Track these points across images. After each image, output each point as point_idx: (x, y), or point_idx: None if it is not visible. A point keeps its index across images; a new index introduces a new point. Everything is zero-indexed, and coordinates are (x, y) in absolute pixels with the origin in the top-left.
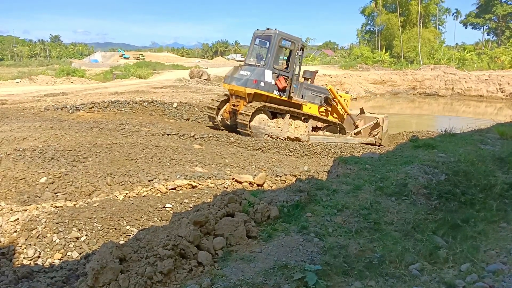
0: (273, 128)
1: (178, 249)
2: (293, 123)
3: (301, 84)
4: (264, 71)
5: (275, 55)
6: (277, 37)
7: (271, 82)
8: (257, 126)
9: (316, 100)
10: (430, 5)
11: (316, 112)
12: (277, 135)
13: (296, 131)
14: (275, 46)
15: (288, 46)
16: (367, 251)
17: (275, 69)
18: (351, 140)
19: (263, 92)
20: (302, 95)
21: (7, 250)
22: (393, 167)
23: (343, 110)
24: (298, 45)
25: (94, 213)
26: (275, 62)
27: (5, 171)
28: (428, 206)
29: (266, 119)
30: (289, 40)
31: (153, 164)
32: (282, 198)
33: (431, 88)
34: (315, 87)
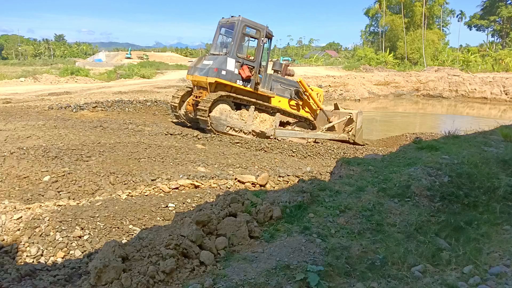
0: (236, 120)
1: (181, 248)
2: (259, 116)
3: (270, 76)
4: (226, 59)
5: (239, 43)
6: (240, 24)
7: (233, 71)
8: (217, 117)
9: (286, 93)
10: (435, 7)
11: (286, 106)
12: (240, 128)
13: (262, 125)
14: (239, 33)
15: (253, 34)
16: (370, 252)
17: (239, 58)
18: (321, 135)
19: (225, 82)
20: (271, 88)
21: (10, 248)
22: (396, 168)
23: (316, 104)
24: (263, 33)
25: (97, 212)
26: (239, 50)
27: (8, 169)
28: (431, 208)
29: (228, 110)
30: (254, 27)
31: (156, 163)
32: (285, 198)
33: (435, 90)
34: (285, 80)
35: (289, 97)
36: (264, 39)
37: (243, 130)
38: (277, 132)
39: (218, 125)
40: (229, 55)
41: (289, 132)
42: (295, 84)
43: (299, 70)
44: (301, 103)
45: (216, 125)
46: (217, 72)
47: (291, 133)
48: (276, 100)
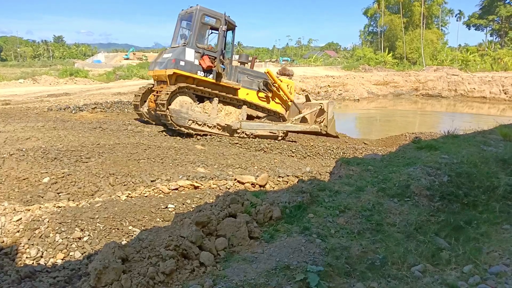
0: (198, 114)
1: (180, 249)
2: (224, 108)
3: (236, 67)
4: (185, 50)
5: (198, 33)
6: (198, 14)
7: (193, 62)
8: (177, 110)
9: (254, 85)
10: (433, 6)
11: (254, 99)
12: (204, 121)
13: (227, 118)
14: (197, 23)
15: (213, 23)
16: (369, 252)
17: (199, 48)
18: (291, 127)
19: (185, 73)
20: (237, 80)
21: (10, 250)
22: (395, 168)
23: (286, 96)
24: (223, 22)
25: (97, 213)
26: (198, 40)
27: (8, 171)
28: (430, 208)
29: (189, 103)
30: (213, 16)
31: (155, 164)
32: (284, 199)
33: (434, 90)
34: (252, 71)
35: (257, 89)
36: (224, 27)
37: (207, 124)
38: (244, 125)
39: (178, 118)
40: (188, 45)
41: (256, 124)
42: (263, 75)
43: (298, 70)
44: (270, 95)
45: (177, 118)
46: (175, 63)
47: (258, 125)
48: (243, 93)
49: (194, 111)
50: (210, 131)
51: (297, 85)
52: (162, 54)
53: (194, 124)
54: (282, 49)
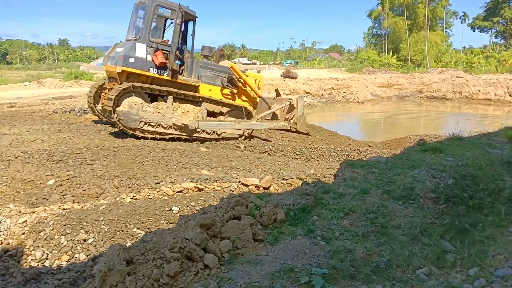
0: (151, 114)
1: (185, 251)
2: (181, 107)
3: (197, 62)
4: (135, 45)
5: (151, 26)
6: (151, 4)
7: (145, 58)
8: (127, 112)
9: (217, 81)
10: (437, 8)
11: (217, 95)
12: (158, 122)
13: (184, 117)
14: (150, 15)
15: (168, 15)
16: (374, 255)
17: (152, 43)
18: (256, 125)
19: (136, 71)
20: (198, 75)
21: (15, 252)
22: (400, 170)
23: (253, 92)
24: (179, 13)
25: (102, 215)
26: (152, 34)
27: (13, 173)
28: (435, 210)
29: (140, 103)
30: (169, 7)
31: (160, 167)
32: (289, 201)
33: (439, 92)
34: (216, 66)
35: (221, 85)
36: (178, 19)
37: (161, 125)
38: (202, 124)
39: (128, 121)
40: (139, 40)
41: (216, 123)
42: (227, 70)
43: (302, 73)
44: (236, 91)
45: (126, 121)
46: (124, 60)
47: (219, 124)
48: (205, 89)
49: (145, 111)
50: (166, 132)
51: (301, 88)
52: (115, 47)
53: (147, 125)
54: (286, 52)
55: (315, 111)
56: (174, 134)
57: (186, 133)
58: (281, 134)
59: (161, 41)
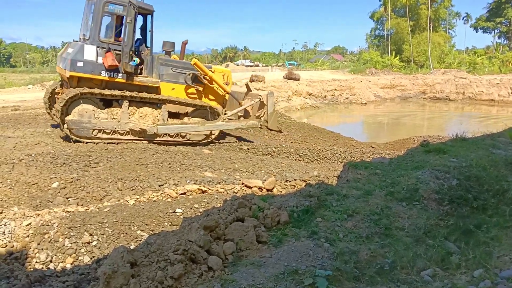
0: (105, 121)
1: (189, 254)
2: (138, 111)
3: (157, 59)
4: (83, 47)
5: (100, 25)
6: (100, 1)
7: (95, 61)
8: (77, 121)
9: (181, 79)
10: (440, 9)
11: (181, 94)
12: (113, 128)
13: (142, 121)
14: (100, 13)
15: (120, 11)
16: (378, 256)
17: (103, 43)
18: (222, 126)
19: (85, 75)
20: (159, 74)
21: (20, 255)
22: (404, 172)
23: (221, 89)
24: (132, 9)
25: (105, 218)
26: (106, 33)
27: (18, 176)
28: (439, 212)
29: (91, 110)
30: (119, 3)
31: (163, 169)
32: (292, 203)
33: (442, 93)
34: (178, 63)
35: (185, 83)
36: (129, 17)
37: (117, 131)
38: (161, 128)
39: (79, 130)
40: (88, 41)
41: (177, 126)
42: (191, 67)
43: (304, 74)
44: (202, 89)
45: (77, 130)
46: (72, 64)
47: (180, 127)
48: (167, 88)
49: (98, 118)
50: (124, 138)
51: (303, 89)
52: (68, 47)
53: (101, 133)
54: (289, 53)
55: (318, 112)
56: (133, 140)
57: (146, 138)
58: (284, 136)
59: (113, 40)
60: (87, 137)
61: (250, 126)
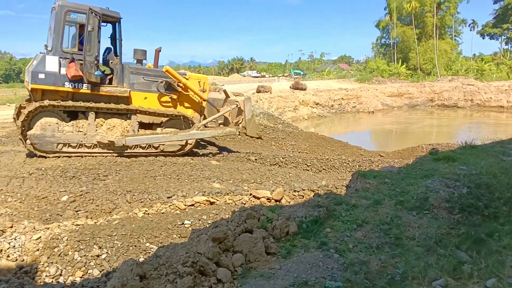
0: (70, 134)
1: (198, 266)
2: (106, 122)
3: (127, 68)
4: (44, 58)
5: (63, 35)
6: (61, 11)
7: (57, 72)
8: (40, 135)
9: (153, 87)
10: (446, 17)
11: (154, 104)
12: (79, 142)
13: (110, 133)
14: (61, 22)
15: (83, 20)
16: (389, 267)
17: (66, 53)
18: (197, 134)
19: (48, 87)
20: (130, 83)
21: (30, 268)
22: (413, 180)
23: (197, 96)
24: (95, 17)
25: (114, 230)
26: (67, 43)
27: (28, 190)
28: (450, 220)
29: (55, 123)
30: (81, 11)
31: (171, 181)
32: (301, 213)
33: (450, 100)
34: (150, 71)
35: (158, 92)
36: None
37: (84, 144)
38: (129, 139)
39: (43, 144)
40: (50, 52)
41: (147, 137)
42: (163, 75)
43: (311, 84)
44: (176, 97)
45: (40, 144)
46: (33, 76)
47: (150, 138)
48: (139, 98)
49: (63, 132)
50: (92, 152)
51: (310, 99)
52: (34, 59)
53: (67, 147)
54: (295, 64)
55: (325, 121)
56: (101, 153)
57: (116, 151)
58: (291, 145)
59: (77, 50)
60: (52, 151)
61: (228, 133)
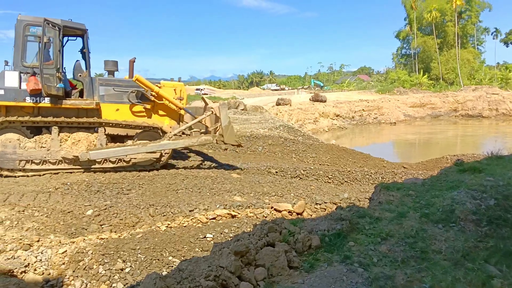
0: (33, 150)
1: (220, 280)
2: (71, 137)
3: (97, 80)
4: (3, 74)
5: (23, 49)
6: (20, 25)
7: (17, 87)
8: (0, 153)
9: (125, 98)
10: (468, 26)
11: (126, 115)
12: (43, 158)
13: (75, 148)
14: (21, 36)
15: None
16: (415, 281)
17: (27, 68)
18: (168, 145)
19: (9, 103)
20: (100, 95)
21: (56, 282)
22: (438, 192)
23: (173, 104)
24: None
25: (138, 244)
26: (28, 57)
27: (54, 204)
28: (478, 233)
29: (16, 140)
30: (39, 24)
31: (193, 194)
32: (323, 226)
33: (474, 110)
34: (121, 82)
35: (129, 102)
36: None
37: (48, 161)
38: (93, 154)
39: (4, 162)
40: (10, 67)
41: (113, 150)
42: (135, 84)
43: (331, 96)
44: (150, 107)
45: (2, 162)
46: None
47: (116, 151)
48: (110, 110)
49: (25, 148)
50: (57, 168)
51: (330, 111)
52: None
53: (30, 164)
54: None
55: (346, 133)
56: (67, 170)
57: (83, 166)
58: (312, 158)
59: (38, 63)
60: (13, 169)
61: (203, 142)
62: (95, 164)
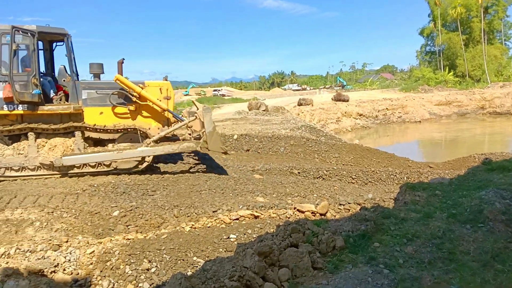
0: (10, 158)
1: (244, 280)
2: (48, 142)
3: (79, 84)
4: None
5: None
6: None
7: None
8: None
9: (108, 100)
10: (494, 21)
11: (110, 118)
12: (21, 165)
13: (52, 153)
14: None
15: (20, 40)
16: (443, 283)
17: (4, 76)
18: (145, 152)
19: None
20: (82, 99)
21: (84, 282)
22: (465, 192)
23: (157, 106)
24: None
25: (163, 244)
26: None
27: (81, 206)
28: (507, 234)
29: None
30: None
31: (216, 195)
32: (347, 227)
33: (502, 107)
34: (104, 84)
35: (111, 105)
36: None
37: (27, 167)
38: (66, 159)
39: None
40: None
41: (88, 156)
42: (118, 86)
43: (354, 95)
44: (134, 109)
45: None
46: None
47: (91, 157)
48: (94, 113)
49: (3, 155)
50: (36, 174)
51: (353, 110)
52: None
53: (9, 171)
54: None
55: (369, 133)
56: (47, 175)
57: (61, 171)
58: (335, 158)
59: (17, 72)
60: None
61: (185, 149)
62: (73, 169)
